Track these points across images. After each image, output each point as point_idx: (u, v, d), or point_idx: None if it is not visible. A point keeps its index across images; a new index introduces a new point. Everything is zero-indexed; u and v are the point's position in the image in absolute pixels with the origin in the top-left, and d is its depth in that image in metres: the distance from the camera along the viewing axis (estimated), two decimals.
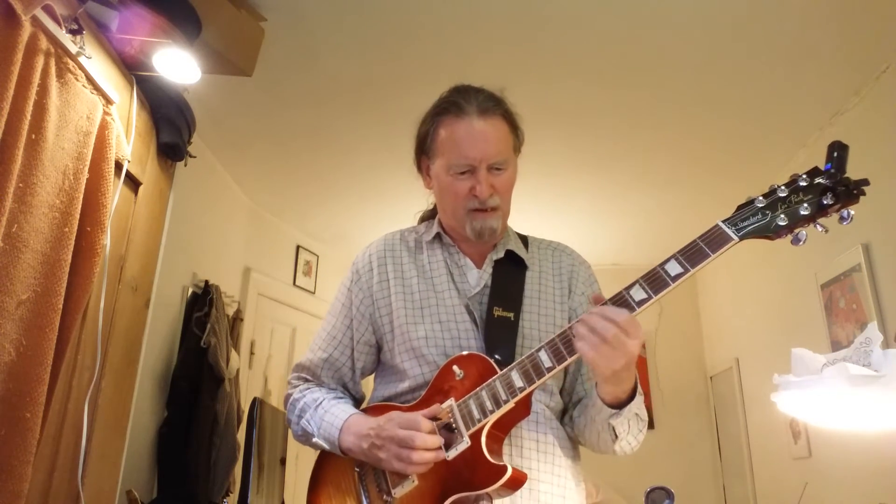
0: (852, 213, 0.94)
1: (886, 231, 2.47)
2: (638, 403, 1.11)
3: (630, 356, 0.98)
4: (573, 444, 1.25)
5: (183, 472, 2.65)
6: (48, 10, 1.46)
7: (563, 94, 2.73)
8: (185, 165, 2.29)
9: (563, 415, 1.27)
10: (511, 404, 1.06)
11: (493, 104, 1.22)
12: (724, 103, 2.75)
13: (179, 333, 2.91)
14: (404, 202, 3.77)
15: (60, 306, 1.46)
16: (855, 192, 0.94)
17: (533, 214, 3.75)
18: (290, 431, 1.35)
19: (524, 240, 1.36)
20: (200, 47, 2.05)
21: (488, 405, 1.07)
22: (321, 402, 1.24)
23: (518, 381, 1.05)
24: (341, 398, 1.28)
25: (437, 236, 1.32)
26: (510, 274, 1.27)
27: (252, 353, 3.70)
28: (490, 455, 1.06)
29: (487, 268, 1.27)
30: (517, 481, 1.06)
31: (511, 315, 1.21)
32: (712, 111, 2.81)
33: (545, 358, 1.05)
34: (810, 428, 2.97)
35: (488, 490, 1.05)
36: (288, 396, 1.32)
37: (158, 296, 2.22)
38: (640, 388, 1.11)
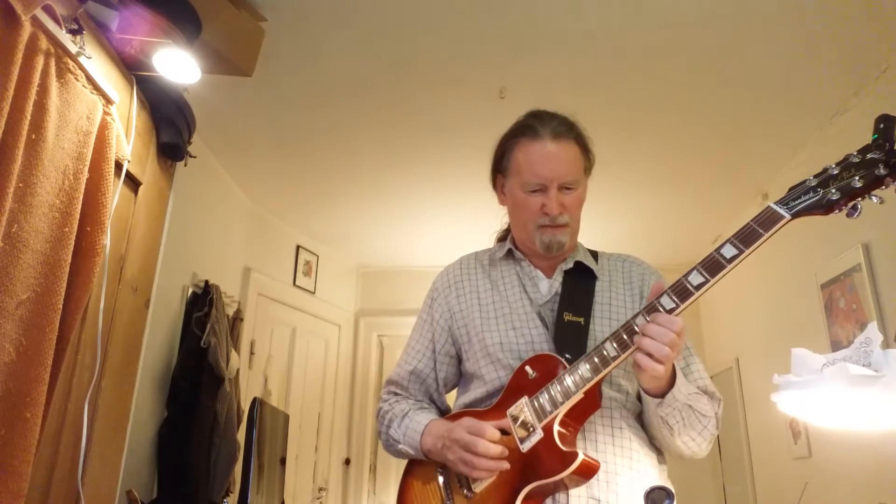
0: None
1: (886, 231, 2.47)
2: (688, 395, 1.15)
3: (678, 352, 1.05)
4: (655, 447, 1.28)
5: (183, 472, 2.66)
6: (48, 10, 1.46)
7: (563, 96, 2.73)
8: (185, 165, 2.29)
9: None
10: (580, 395, 1.11)
11: (565, 129, 1.31)
12: (724, 104, 2.75)
13: (179, 333, 2.91)
14: (404, 202, 3.79)
15: (60, 306, 1.46)
16: None
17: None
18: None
19: (594, 254, 1.43)
20: (200, 47, 2.05)
21: (558, 397, 1.13)
22: (407, 412, 1.33)
23: (586, 373, 1.11)
24: (426, 408, 1.37)
25: (510, 252, 1.41)
26: (580, 282, 1.34)
27: (252, 353, 3.70)
28: (562, 444, 1.11)
29: (558, 277, 1.35)
30: (590, 468, 1.10)
31: (581, 320, 1.27)
32: (712, 112, 2.81)
33: (610, 349, 1.09)
34: (810, 428, 2.97)
35: (561, 476, 1.09)
36: (379, 409, 1.41)
37: (158, 296, 2.22)
38: (685, 383, 1.16)
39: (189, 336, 2.85)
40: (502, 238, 1.51)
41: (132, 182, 1.94)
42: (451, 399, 1.44)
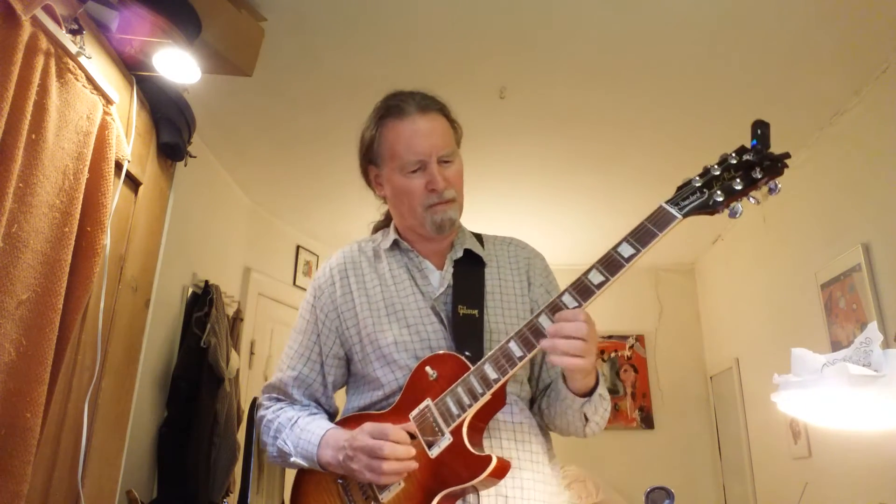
0: (779, 185, 1.01)
1: (886, 231, 2.47)
2: (602, 385, 1.17)
3: (596, 344, 1.05)
4: (544, 430, 1.27)
5: (183, 472, 2.66)
6: (48, 10, 1.46)
7: (562, 95, 2.73)
8: (185, 165, 2.29)
9: (532, 404, 1.29)
10: (487, 396, 1.08)
11: (430, 101, 1.29)
12: (723, 104, 2.75)
13: (179, 333, 2.91)
14: None
15: (60, 306, 1.46)
16: (780, 165, 1.01)
17: (532, 215, 3.75)
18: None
19: (479, 238, 1.38)
20: (200, 47, 2.05)
21: (465, 400, 1.08)
22: (296, 421, 1.23)
23: (492, 373, 1.07)
24: (316, 414, 1.27)
25: (395, 243, 1.33)
26: (470, 272, 1.29)
27: (252, 353, 3.70)
28: (473, 447, 1.08)
29: (448, 268, 1.29)
30: (502, 469, 1.08)
31: (476, 312, 1.23)
32: (712, 111, 2.81)
33: (515, 348, 1.07)
34: (810, 428, 2.97)
35: (476, 481, 1.06)
36: (261, 419, 1.30)
37: (158, 296, 2.22)
38: (600, 374, 1.16)
39: (189, 336, 2.85)
40: (382, 226, 1.44)
41: (132, 182, 1.94)
42: (339, 398, 1.35)
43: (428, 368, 1.14)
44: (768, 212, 3.32)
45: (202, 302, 2.97)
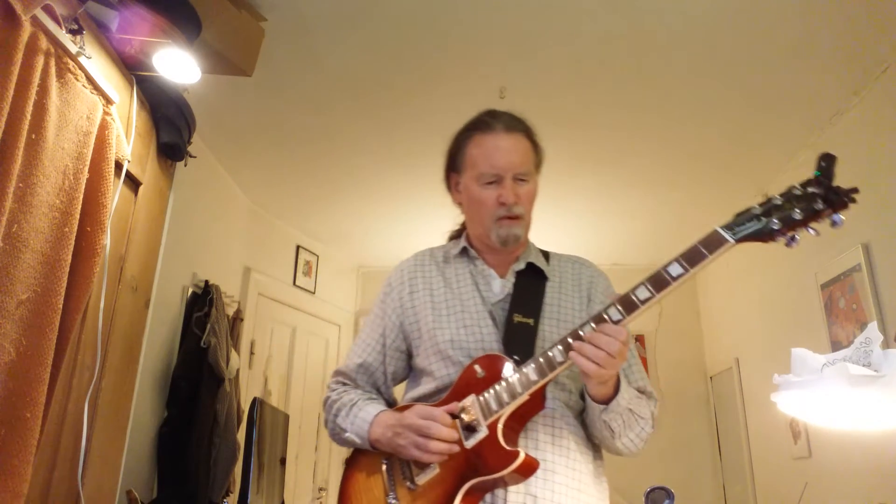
0: (842, 217, 1.00)
1: (886, 231, 2.47)
2: (630, 400, 1.21)
3: (623, 361, 1.10)
4: (593, 444, 1.32)
5: (183, 472, 2.66)
6: (48, 10, 1.46)
7: (564, 95, 2.73)
8: (185, 165, 2.29)
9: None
10: (525, 396, 1.15)
11: (517, 123, 1.37)
12: (724, 104, 2.75)
13: (179, 333, 2.91)
14: (404, 202, 3.79)
15: (60, 306, 1.46)
16: (845, 199, 1.01)
17: (532, 215, 3.74)
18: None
19: (545, 254, 1.47)
20: (200, 47, 2.05)
21: (504, 397, 1.16)
22: (356, 402, 1.34)
23: (532, 376, 1.15)
24: (374, 399, 1.38)
25: (464, 250, 1.43)
26: (531, 284, 1.37)
27: (252, 353, 3.70)
28: (505, 443, 1.15)
29: (510, 277, 1.38)
30: (529, 467, 1.14)
31: (531, 321, 1.30)
32: (712, 111, 2.81)
33: (557, 354, 1.13)
34: (810, 428, 2.97)
35: (502, 474, 1.13)
36: (326, 398, 1.42)
37: (158, 296, 2.22)
38: (627, 388, 1.22)
39: (189, 336, 2.85)
40: (455, 237, 1.53)
41: (132, 182, 1.94)
42: (399, 392, 1.45)
43: (477, 367, 1.23)
44: None
45: (202, 302, 2.97)
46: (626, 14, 2.26)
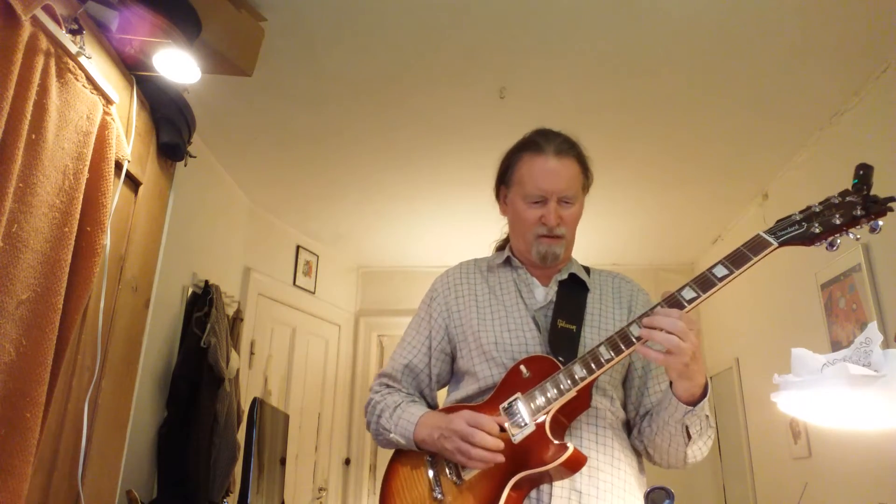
0: (881, 223, 1.09)
1: (886, 231, 2.46)
2: (708, 404, 1.21)
3: (694, 346, 1.10)
4: (636, 454, 1.34)
5: (183, 472, 2.66)
6: (48, 10, 1.46)
7: (563, 97, 2.73)
8: (185, 165, 2.29)
9: (630, 428, 1.36)
10: (573, 392, 1.18)
11: (568, 147, 1.41)
12: (723, 104, 2.75)
13: (179, 333, 2.91)
14: (404, 202, 3.79)
15: (60, 306, 1.46)
16: (883, 207, 1.08)
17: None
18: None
19: (586, 269, 1.50)
20: (200, 47, 2.05)
21: (552, 394, 1.19)
22: (400, 404, 1.37)
23: (579, 372, 1.18)
24: (417, 401, 1.41)
25: (508, 260, 1.47)
26: (573, 293, 1.41)
27: (252, 353, 3.70)
28: (553, 437, 1.17)
29: (553, 286, 1.42)
30: (577, 461, 1.16)
31: (574, 327, 1.34)
32: (712, 111, 2.81)
33: (604, 351, 1.17)
34: (810, 428, 2.97)
35: (550, 466, 1.14)
36: (370, 401, 1.44)
37: (158, 296, 2.22)
38: (710, 387, 1.22)
39: (189, 336, 2.85)
40: (501, 248, 1.56)
41: (132, 182, 1.94)
42: (440, 397, 1.47)
43: (522, 367, 1.26)
44: (768, 212, 3.32)
45: (202, 302, 2.97)
46: (626, 15, 2.26)
